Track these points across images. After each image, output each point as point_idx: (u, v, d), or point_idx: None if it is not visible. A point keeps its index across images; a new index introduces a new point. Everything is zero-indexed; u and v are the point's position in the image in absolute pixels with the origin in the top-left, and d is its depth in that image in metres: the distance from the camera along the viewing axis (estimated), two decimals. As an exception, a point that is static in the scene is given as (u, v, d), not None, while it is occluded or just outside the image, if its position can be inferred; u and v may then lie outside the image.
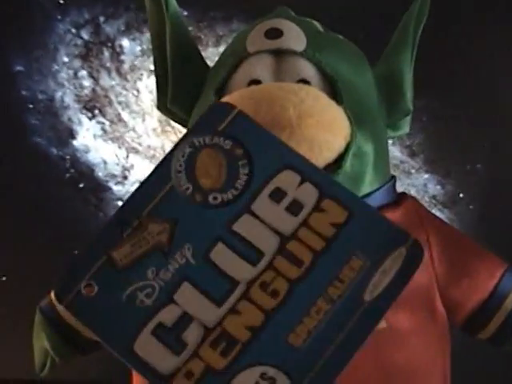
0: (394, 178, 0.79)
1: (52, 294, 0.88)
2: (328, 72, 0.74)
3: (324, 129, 0.67)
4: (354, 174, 0.70)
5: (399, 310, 0.68)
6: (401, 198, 0.77)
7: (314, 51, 0.75)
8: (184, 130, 0.84)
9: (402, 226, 0.71)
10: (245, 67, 0.76)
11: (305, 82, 0.73)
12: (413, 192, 1.43)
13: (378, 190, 0.74)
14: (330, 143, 0.68)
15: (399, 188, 0.81)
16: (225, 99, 0.70)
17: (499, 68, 1.43)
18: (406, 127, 0.85)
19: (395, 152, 1.44)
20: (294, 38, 0.76)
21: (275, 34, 0.76)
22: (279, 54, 0.75)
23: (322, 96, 0.70)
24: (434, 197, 1.47)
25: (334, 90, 0.73)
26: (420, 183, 1.46)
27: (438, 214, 1.44)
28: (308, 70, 0.74)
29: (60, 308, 0.85)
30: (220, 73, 0.77)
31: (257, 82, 0.74)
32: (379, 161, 0.74)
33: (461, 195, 1.47)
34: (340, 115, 0.70)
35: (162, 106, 0.84)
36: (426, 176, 1.47)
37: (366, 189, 0.72)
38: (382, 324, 0.66)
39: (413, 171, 1.46)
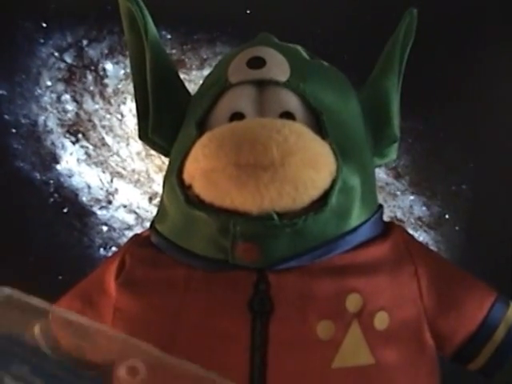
0: (381, 207, 0.78)
1: (35, 329, 0.86)
2: (312, 104, 0.73)
3: (308, 166, 0.65)
4: (340, 209, 0.69)
5: (387, 345, 0.67)
6: (388, 229, 0.76)
7: (297, 81, 0.74)
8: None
9: (390, 259, 0.72)
10: (226, 99, 0.74)
11: (288, 114, 0.72)
12: (398, 214, 1.42)
13: (365, 222, 0.73)
14: (315, 181, 0.66)
15: (384, 210, 0.81)
16: (206, 136, 0.69)
17: (485, 90, 1.44)
18: (393, 154, 0.83)
19: (380, 174, 1.43)
20: (277, 67, 0.75)
21: (258, 63, 0.75)
22: (262, 85, 0.74)
23: (306, 132, 0.68)
24: (419, 218, 1.46)
25: (318, 122, 0.72)
26: (405, 205, 1.45)
27: (423, 235, 1.46)
28: (291, 101, 0.73)
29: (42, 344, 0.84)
30: (201, 104, 0.76)
31: (239, 114, 0.73)
32: (366, 193, 0.73)
33: (446, 216, 1.47)
34: (325, 151, 0.68)
35: (143, 134, 0.82)
36: (412, 198, 1.47)
37: (353, 223, 0.71)
38: (370, 360, 0.65)
39: (398, 193, 1.46)
